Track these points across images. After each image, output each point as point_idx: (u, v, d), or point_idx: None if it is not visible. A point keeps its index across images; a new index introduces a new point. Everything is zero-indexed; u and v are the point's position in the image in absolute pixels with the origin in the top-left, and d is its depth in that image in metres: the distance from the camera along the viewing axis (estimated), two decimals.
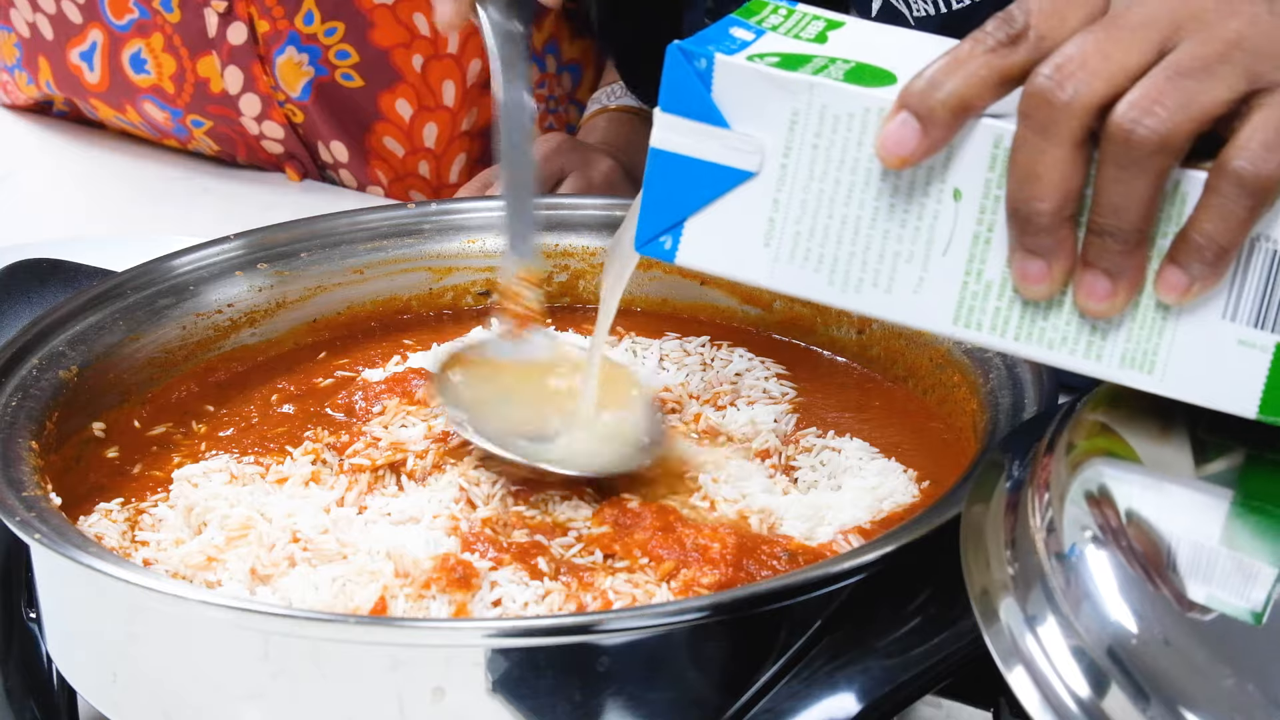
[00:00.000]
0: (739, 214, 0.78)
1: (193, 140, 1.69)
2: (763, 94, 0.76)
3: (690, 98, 0.77)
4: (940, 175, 0.74)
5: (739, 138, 0.77)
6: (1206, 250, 0.71)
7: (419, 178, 1.64)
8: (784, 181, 0.77)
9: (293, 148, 1.66)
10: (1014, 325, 0.75)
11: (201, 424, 1.04)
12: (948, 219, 0.75)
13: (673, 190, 0.79)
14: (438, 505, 0.91)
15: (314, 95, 1.61)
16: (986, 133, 0.73)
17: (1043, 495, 0.74)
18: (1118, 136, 0.69)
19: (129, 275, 1.08)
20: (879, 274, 0.76)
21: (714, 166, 0.78)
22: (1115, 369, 0.75)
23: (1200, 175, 0.71)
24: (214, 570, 0.87)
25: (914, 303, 0.76)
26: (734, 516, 0.91)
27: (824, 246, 0.77)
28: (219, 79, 1.62)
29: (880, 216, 0.76)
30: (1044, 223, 0.71)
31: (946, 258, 0.75)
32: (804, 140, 0.76)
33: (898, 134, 0.73)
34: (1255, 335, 0.72)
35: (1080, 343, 0.74)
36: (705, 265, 0.79)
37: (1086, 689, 0.66)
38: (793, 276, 0.78)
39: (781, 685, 0.76)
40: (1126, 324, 0.74)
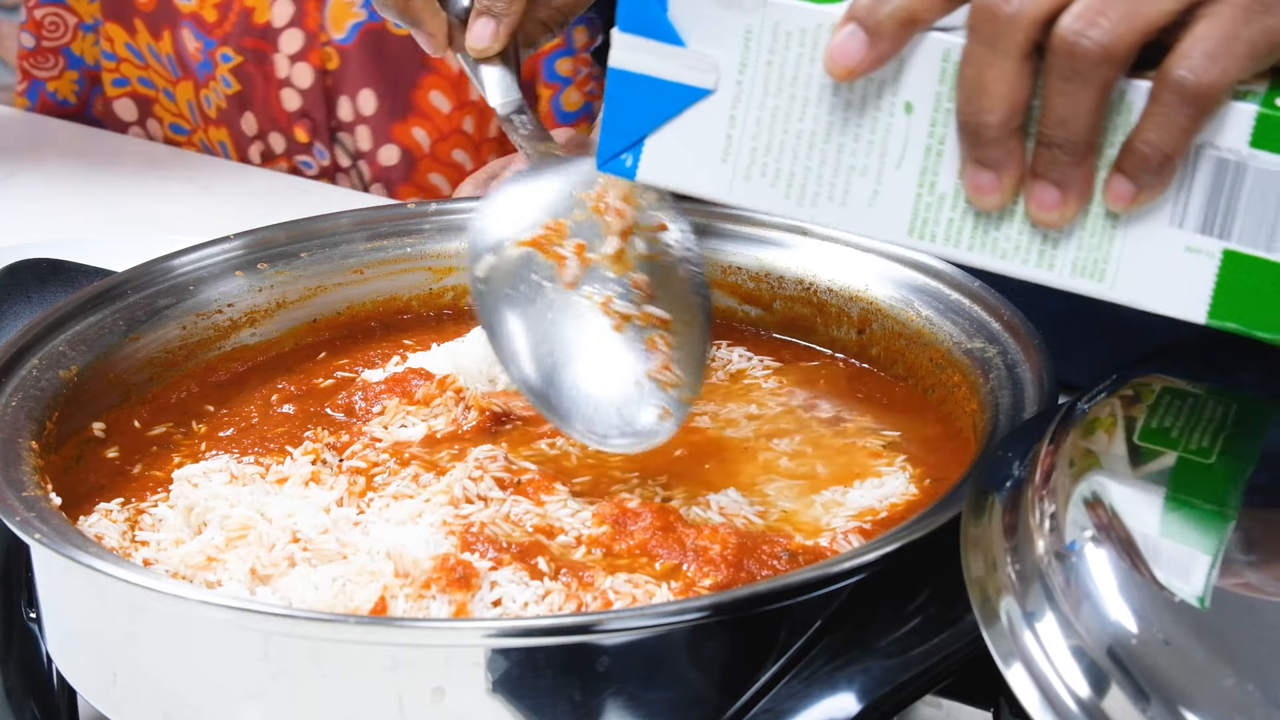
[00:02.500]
0: (697, 131, 0.80)
1: (213, 80, 1.68)
2: (716, 12, 0.78)
3: (647, 17, 0.79)
4: (891, 89, 0.76)
5: (695, 55, 0.79)
6: (1151, 159, 0.72)
7: (463, 134, 1.64)
8: (740, 98, 0.79)
9: (310, 105, 1.65)
10: (967, 236, 0.77)
11: (201, 424, 1.04)
12: (900, 132, 0.76)
13: (632, 109, 0.81)
14: (438, 505, 0.91)
15: (358, 38, 1.61)
16: (935, 46, 0.75)
17: (1043, 495, 0.74)
18: (1062, 49, 0.71)
19: (129, 275, 1.08)
20: (834, 187, 0.78)
21: (671, 85, 0.80)
22: (1066, 277, 0.76)
23: (1145, 85, 0.72)
24: (214, 570, 0.87)
25: (869, 215, 0.78)
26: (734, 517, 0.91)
27: (780, 161, 0.79)
28: (266, 9, 1.63)
29: (834, 131, 0.78)
30: (992, 135, 0.73)
31: (900, 170, 0.77)
32: (758, 57, 0.78)
33: (844, 45, 0.74)
34: (1202, 241, 0.74)
35: (1032, 252, 0.76)
36: (665, 181, 0.81)
37: (1086, 689, 0.66)
38: (751, 191, 0.80)
39: (781, 685, 0.76)
40: (1077, 233, 0.75)
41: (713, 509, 0.92)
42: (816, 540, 0.89)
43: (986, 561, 0.74)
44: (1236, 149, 0.72)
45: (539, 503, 0.92)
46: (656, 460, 0.96)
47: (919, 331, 1.04)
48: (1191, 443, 0.78)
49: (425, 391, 1.03)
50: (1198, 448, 0.77)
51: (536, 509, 0.91)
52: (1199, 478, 0.76)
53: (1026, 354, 0.96)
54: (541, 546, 0.88)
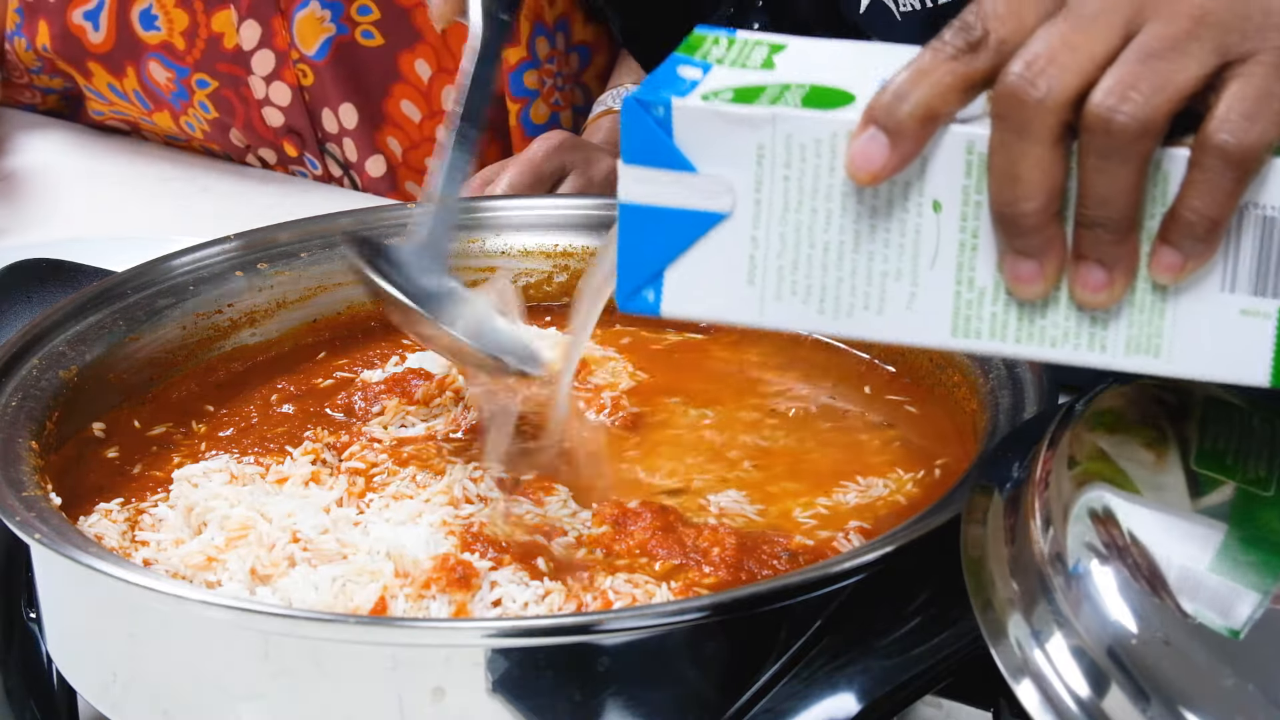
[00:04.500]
0: (719, 256, 0.76)
1: (190, 108, 1.68)
2: (725, 132, 0.74)
3: (653, 147, 0.75)
4: (917, 188, 0.73)
5: (707, 180, 0.75)
6: (1198, 226, 0.70)
7: (435, 142, 1.64)
8: (760, 217, 0.75)
9: (294, 119, 1.65)
10: (1013, 328, 0.74)
11: (201, 424, 1.04)
12: (931, 231, 0.73)
13: (648, 242, 0.77)
14: (437, 505, 0.91)
15: (330, 54, 1.61)
16: (958, 140, 0.72)
17: (1043, 495, 0.74)
18: (1097, 126, 0.69)
19: (129, 275, 1.08)
20: (869, 296, 0.75)
21: (686, 212, 0.76)
22: (1121, 357, 0.74)
23: (1181, 152, 0.70)
24: (214, 570, 0.87)
25: (909, 320, 0.75)
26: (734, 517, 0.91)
27: (810, 277, 0.75)
28: (234, 34, 1.63)
29: (862, 238, 0.74)
30: (1031, 222, 0.71)
31: (935, 270, 0.74)
32: (774, 173, 0.74)
33: (866, 149, 0.72)
34: (1257, 303, 0.72)
35: (1082, 336, 0.74)
36: (692, 313, 0.78)
37: (1086, 689, 0.66)
38: (783, 311, 0.76)
39: (781, 685, 0.76)
40: (1126, 310, 0.73)
41: (712, 509, 0.92)
42: (816, 540, 0.89)
43: (986, 562, 0.74)
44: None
45: (539, 503, 0.92)
46: (657, 460, 0.96)
47: None
48: (1248, 472, 0.77)
49: (425, 391, 1.03)
50: (1255, 476, 0.77)
51: (536, 509, 0.91)
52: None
53: None
54: (541, 547, 0.88)
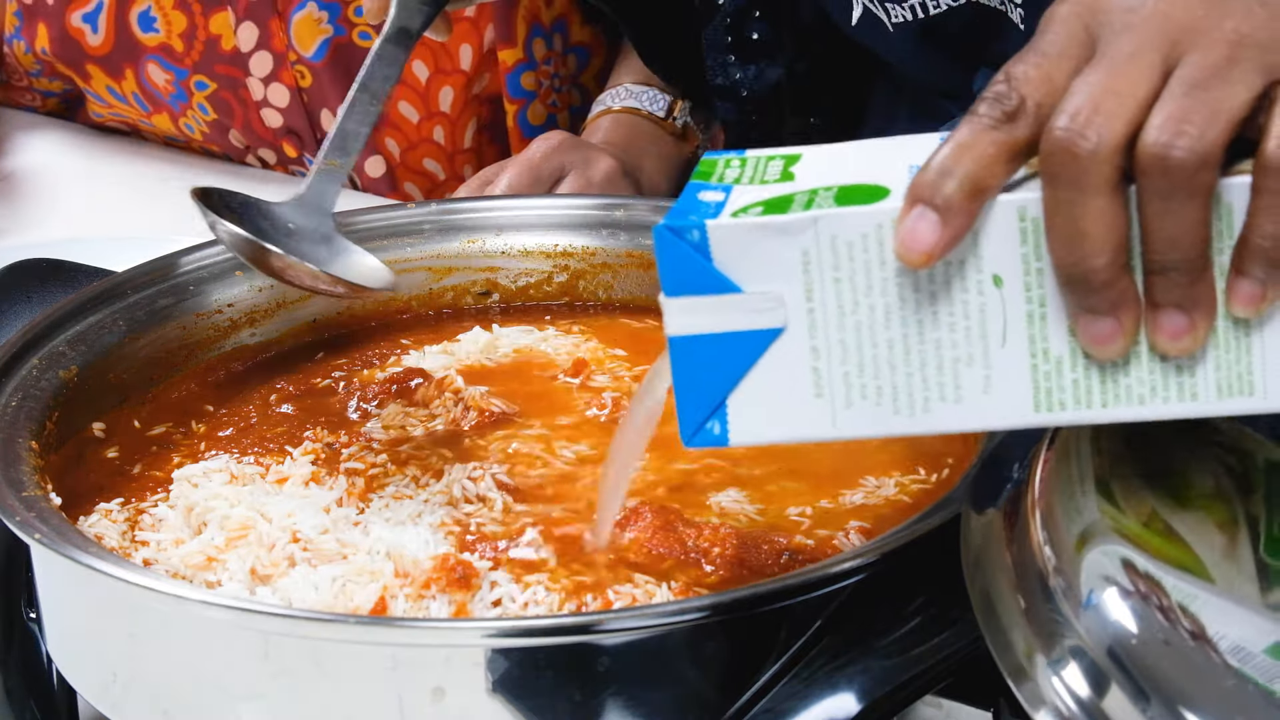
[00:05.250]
0: (781, 374, 0.73)
1: (189, 110, 1.68)
2: (766, 246, 0.71)
3: (693, 273, 0.72)
4: (974, 266, 0.70)
5: (756, 298, 0.72)
6: (1272, 251, 0.68)
7: (433, 143, 1.64)
8: (816, 326, 0.72)
9: (293, 119, 1.65)
10: (1098, 393, 0.71)
11: (201, 424, 1.04)
12: (996, 308, 0.71)
13: (704, 372, 0.73)
14: (437, 505, 0.91)
15: (328, 55, 1.61)
16: (1008, 209, 0.69)
17: (1043, 496, 0.74)
18: (1155, 167, 0.67)
19: (129, 275, 1.08)
20: (943, 387, 0.72)
21: (739, 335, 0.73)
22: (1214, 402, 0.70)
23: (1240, 180, 0.68)
24: (214, 570, 0.87)
25: (988, 404, 0.72)
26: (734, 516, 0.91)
27: (879, 378, 0.72)
28: (231, 35, 1.63)
29: (926, 328, 0.71)
30: (1102, 278, 0.68)
31: (1007, 348, 0.71)
32: (823, 278, 0.71)
33: (915, 230, 0.69)
34: None
35: (1171, 388, 0.71)
36: (764, 438, 0.74)
37: (1086, 689, 0.66)
38: (857, 418, 0.73)
39: (781, 685, 0.76)
40: (1211, 353, 0.70)
41: (713, 508, 0.92)
42: (816, 540, 0.89)
43: (986, 562, 0.74)
44: None
45: (538, 503, 0.92)
46: (657, 459, 0.96)
47: None
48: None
49: (424, 392, 1.03)
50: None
51: (536, 509, 0.91)
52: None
53: None
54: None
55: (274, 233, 1.00)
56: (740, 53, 1.38)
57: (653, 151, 1.55)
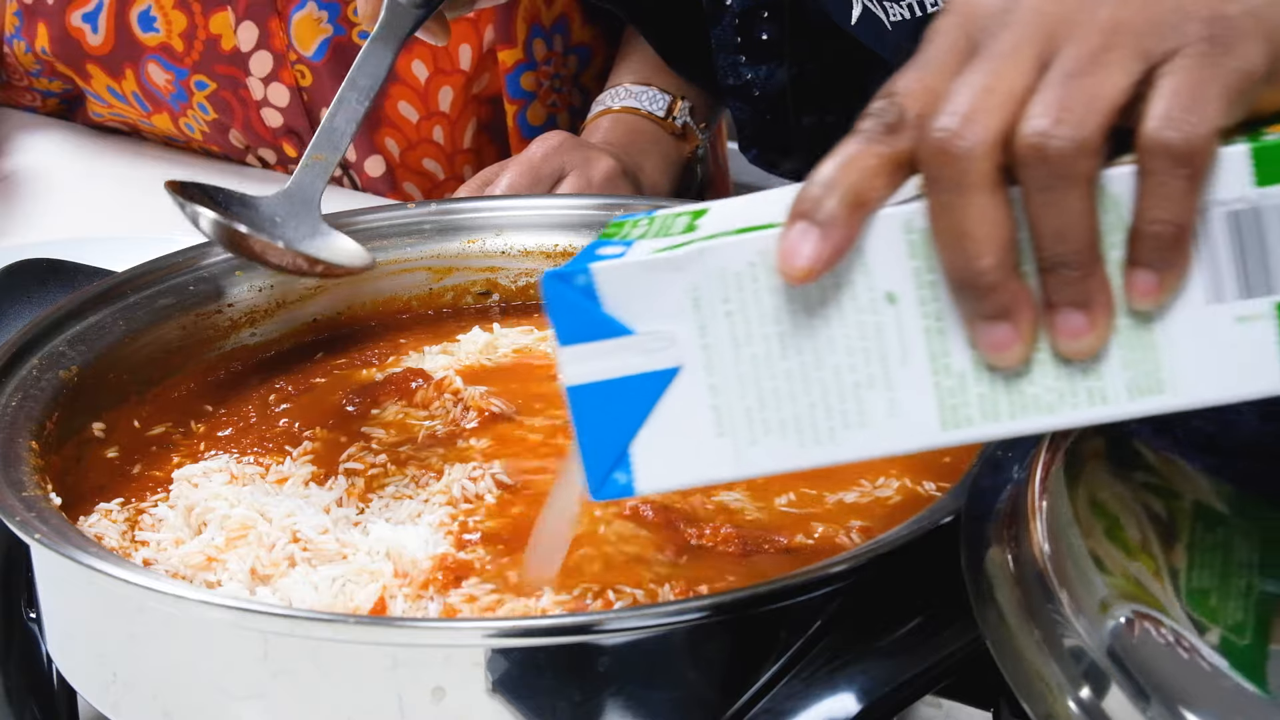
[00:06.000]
0: (681, 416, 0.71)
1: (190, 110, 1.68)
2: (654, 284, 0.70)
3: (584, 320, 0.71)
4: (866, 285, 0.68)
5: (648, 339, 0.70)
6: (1164, 236, 0.66)
7: (432, 143, 1.64)
8: (712, 363, 0.70)
9: (293, 119, 1.65)
10: (1005, 405, 0.69)
11: (201, 424, 1.04)
12: (892, 327, 0.68)
13: (605, 421, 0.71)
14: (437, 505, 0.91)
15: (328, 55, 1.61)
16: (893, 222, 0.68)
17: (1043, 496, 0.74)
18: (1033, 157, 0.65)
19: (129, 275, 1.08)
20: (848, 413, 0.70)
21: (636, 379, 0.71)
22: (1125, 404, 0.68)
23: (1125, 169, 0.66)
24: (214, 570, 0.88)
25: (895, 426, 0.69)
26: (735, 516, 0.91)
27: (781, 411, 0.70)
28: (231, 35, 1.63)
29: (823, 354, 0.69)
30: (991, 279, 0.66)
31: (907, 367, 0.69)
32: (715, 312, 0.70)
33: (796, 245, 0.67)
34: (1250, 306, 0.67)
35: (1079, 394, 0.68)
36: (668, 483, 0.73)
37: (1086, 689, 0.66)
38: (762, 454, 0.71)
39: (781, 685, 0.76)
40: (1116, 353, 0.68)
41: (714, 507, 0.92)
42: (816, 540, 0.89)
43: (986, 563, 0.74)
44: (1244, 195, 0.66)
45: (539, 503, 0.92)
46: None
47: None
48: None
49: (424, 393, 1.03)
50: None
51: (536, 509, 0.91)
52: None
53: None
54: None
55: (259, 223, 1.01)
56: (750, 53, 1.38)
57: (653, 151, 1.55)
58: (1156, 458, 0.78)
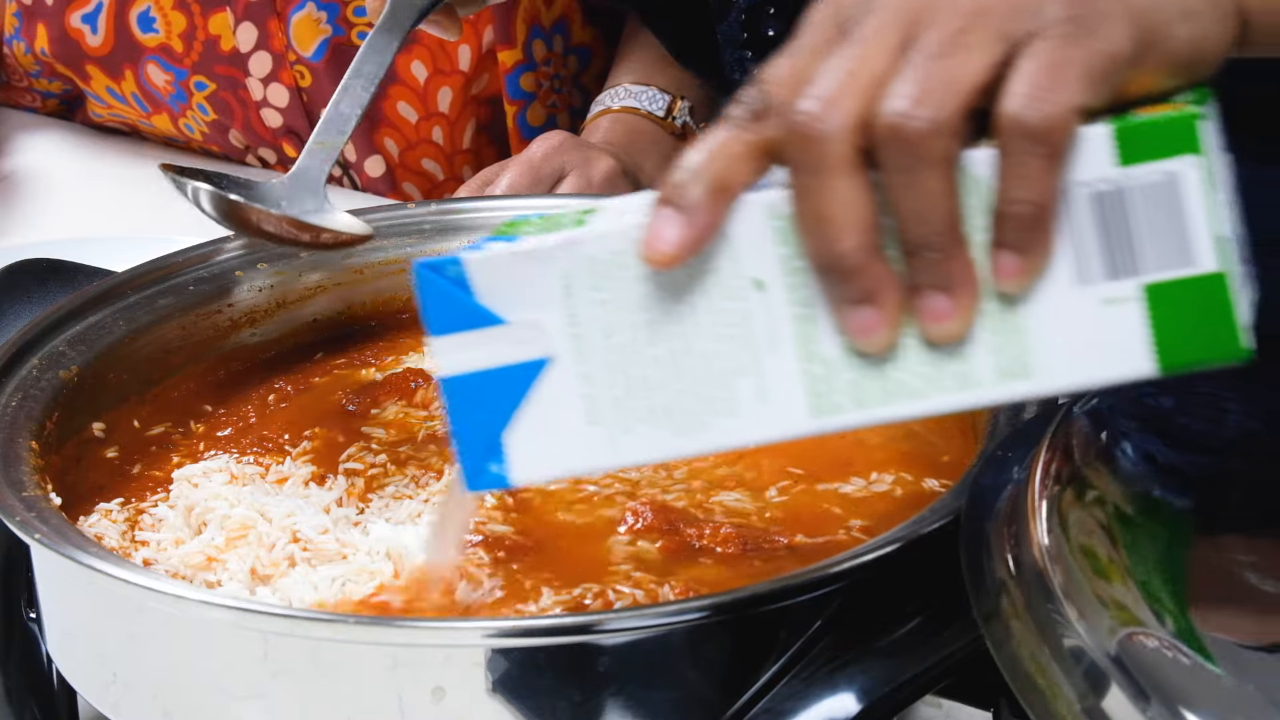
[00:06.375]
0: (554, 406, 0.70)
1: (189, 110, 1.68)
2: (526, 274, 0.70)
3: (456, 310, 0.71)
4: (734, 272, 0.68)
5: (520, 328, 0.70)
6: (1025, 216, 0.65)
7: (431, 144, 1.64)
8: (583, 352, 0.70)
9: (292, 119, 1.65)
10: (874, 391, 0.68)
11: (200, 424, 1.04)
12: (761, 313, 0.68)
13: (478, 413, 0.71)
14: (436, 506, 0.91)
15: (327, 55, 1.61)
16: (758, 209, 0.67)
17: (1043, 496, 0.74)
18: (890, 138, 0.65)
19: (129, 275, 1.08)
20: (718, 400, 0.69)
21: (508, 369, 0.71)
22: (994, 388, 0.67)
23: (988, 151, 0.65)
24: (214, 570, 0.88)
25: (766, 414, 0.69)
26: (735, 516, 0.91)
27: (652, 399, 0.70)
28: (230, 36, 1.63)
29: (693, 342, 0.69)
30: (852, 262, 0.66)
31: (777, 354, 0.68)
32: (584, 300, 0.69)
33: (659, 230, 0.67)
34: (1116, 288, 0.65)
35: (947, 378, 0.67)
36: (543, 474, 0.72)
37: (1086, 689, 0.66)
38: (635, 443, 0.70)
39: (781, 685, 0.76)
40: (984, 337, 0.67)
41: (714, 508, 0.92)
42: (817, 539, 0.89)
43: (987, 562, 0.74)
44: (1107, 175, 0.65)
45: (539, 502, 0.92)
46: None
47: None
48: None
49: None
50: None
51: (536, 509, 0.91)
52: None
53: None
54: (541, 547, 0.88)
55: (261, 200, 1.03)
56: (757, 49, 1.38)
57: (653, 151, 1.55)
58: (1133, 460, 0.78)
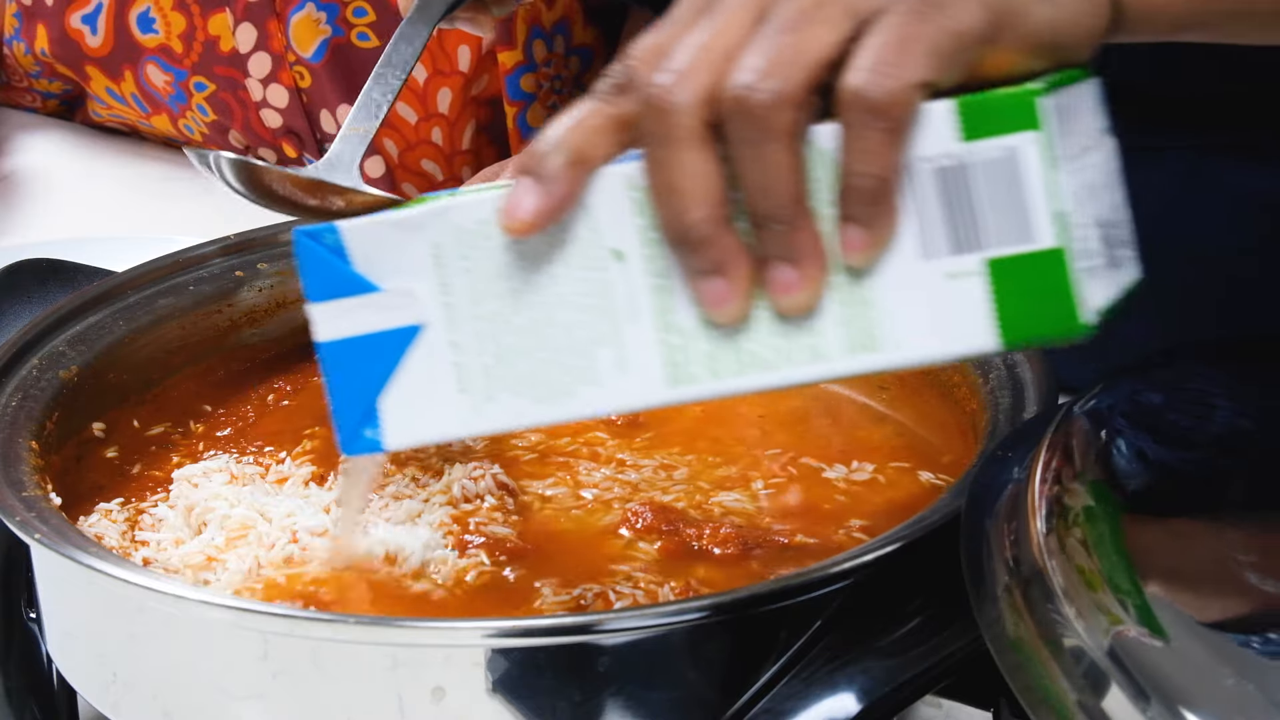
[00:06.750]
0: (425, 372, 0.72)
1: (189, 111, 1.68)
2: (398, 243, 0.72)
3: (333, 277, 0.72)
4: (594, 243, 0.69)
5: (393, 296, 0.72)
6: (866, 189, 0.66)
7: (431, 144, 1.64)
8: (452, 320, 0.71)
9: (292, 120, 1.65)
10: (729, 362, 0.69)
11: (200, 424, 1.04)
12: (621, 284, 0.69)
13: (355, 377, 0.73)
14: (436, 505, 0.91)
15: (327, 56, 1.61)
16: (617, 180, 0.69)
17: (1043, 496, 0.74)
18: (735, 111, 0.66)
19: (129, 275, 1.08)
20: (580, 369, 0.70)
21: (382, 335, 0.72)
22: (844, 361, 0.68)
23: (832, 126, 0.66)
24: (214, 570, 0.88)
25: (624, 383, 0.70)
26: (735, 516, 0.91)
27: (516, 367, 0.71)
28: (230, 37, 1.63)
29: (556, 311, 0.70)
30: (700, 233, 0.67)
31: (636, 324, 0.69)
32: (453, 269, 0.71)
33: (516, 198, 0.69)
34: (960, 262, 0.66)
35: (799, 351, 0.68)
36: (414, 438, 0.74)
37: (1087, 689, 0.66)
38: (500, 411, 0.72)
39: (781, 685, 0.76)
40: (834, 309, 0.68)
41: (714, 508, 0.92)
42: (816, 538, 0.89)
43: (987, 562, 0.74)
44: (950, 151, 0.66)
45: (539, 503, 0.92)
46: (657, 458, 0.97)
47: None
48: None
49: None
50: None
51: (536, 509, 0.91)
52: None
53: (1026, 354, 0.96)
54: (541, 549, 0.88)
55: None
56: None
57: None
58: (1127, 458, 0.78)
